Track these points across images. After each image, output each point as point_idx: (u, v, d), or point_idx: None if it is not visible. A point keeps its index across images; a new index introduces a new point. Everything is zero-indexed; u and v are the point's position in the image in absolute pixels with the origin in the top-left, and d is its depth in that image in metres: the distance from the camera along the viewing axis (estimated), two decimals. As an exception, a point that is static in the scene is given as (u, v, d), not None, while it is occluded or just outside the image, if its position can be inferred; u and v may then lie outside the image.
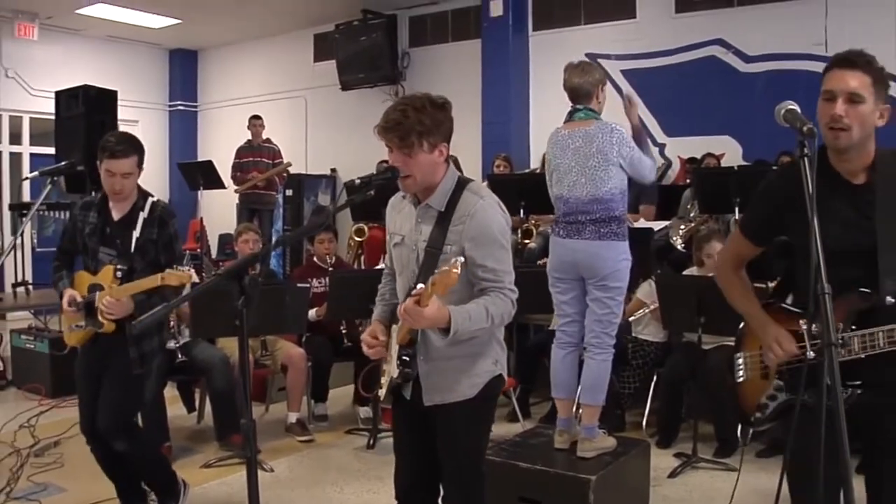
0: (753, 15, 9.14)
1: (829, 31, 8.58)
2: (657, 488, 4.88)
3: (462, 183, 2.92)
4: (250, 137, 10.66)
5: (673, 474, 5.18)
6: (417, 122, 2.79)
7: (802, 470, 2.10)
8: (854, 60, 2.34)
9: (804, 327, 2.14)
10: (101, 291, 3.99)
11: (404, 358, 2.90)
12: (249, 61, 13.62)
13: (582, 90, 4.48)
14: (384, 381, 3.08)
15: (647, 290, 6.14)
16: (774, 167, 6.94)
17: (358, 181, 2.84)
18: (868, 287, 2.28)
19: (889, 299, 2.25)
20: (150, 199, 4.15)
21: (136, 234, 4.05)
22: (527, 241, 7.50)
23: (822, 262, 2.00)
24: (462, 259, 2.54)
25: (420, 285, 2.80)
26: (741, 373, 2.70)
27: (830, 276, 2.05)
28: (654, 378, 6.15)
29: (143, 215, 4.07)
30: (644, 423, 6.11)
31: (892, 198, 2.30)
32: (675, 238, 7.17)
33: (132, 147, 4.03)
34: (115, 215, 4.12)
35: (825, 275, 2.04)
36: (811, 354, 2.08)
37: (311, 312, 6.25)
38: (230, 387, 5.54)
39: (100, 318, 3.96)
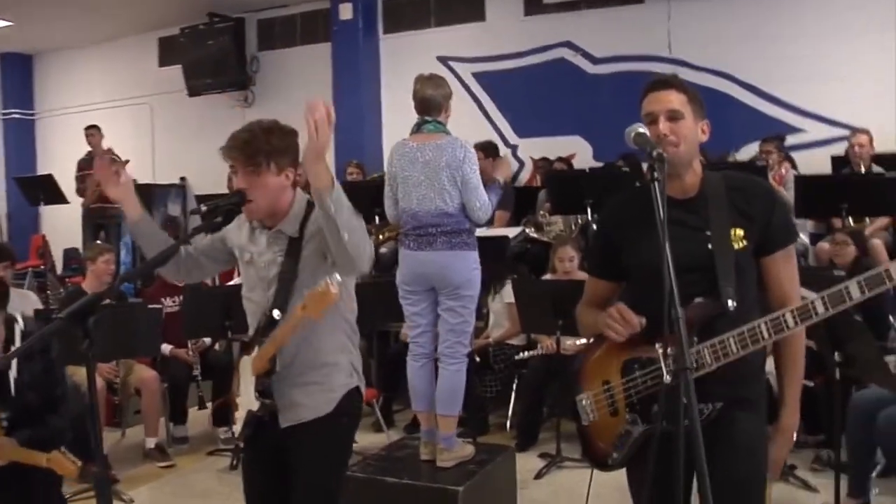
0: (600, 18, 9.41)
1: (672, 33, 8.98)
2: (524, 491, 4.94)
3: (312, 204, 2.78)
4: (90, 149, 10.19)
5: (539, 475, 5.26)
6: (265, 142, 2.72)
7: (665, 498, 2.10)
8: (668, 81, 2.40)
9: (660, 351, 2.16)
10: None
11: (262, 389, 2.79)
12: (91, 66, 12.89)
13: (433, 102, 4.48)
14: (239, 416, 2.95)
15: (499, 307, 6.31)
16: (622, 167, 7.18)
17: (204, 208, 2.71)
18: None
19: (730, 303, 2.25)
20: None
21: None
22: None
23: (674, 286, 2.00)
24: (338, 278, 2.50)
25: (276, 312, 2.73)
26: (587, 415, 2.51)
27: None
28: (516, 380, 6.23)
29: None
30: (508, 424, 6.19)
31: (721, 210, 2.34)
32: (529, 229, 7.39)
33: None
34: None
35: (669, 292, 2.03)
36: (668, 379, 2.10)
37: (165, 347, 6.07)
38: (82, 415, 5.26)
39: None
